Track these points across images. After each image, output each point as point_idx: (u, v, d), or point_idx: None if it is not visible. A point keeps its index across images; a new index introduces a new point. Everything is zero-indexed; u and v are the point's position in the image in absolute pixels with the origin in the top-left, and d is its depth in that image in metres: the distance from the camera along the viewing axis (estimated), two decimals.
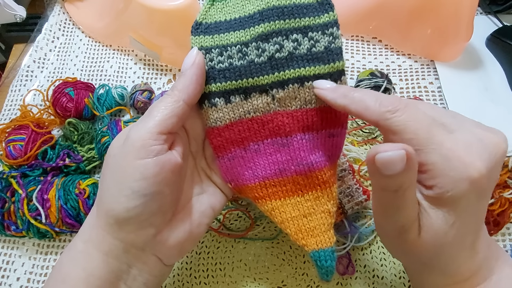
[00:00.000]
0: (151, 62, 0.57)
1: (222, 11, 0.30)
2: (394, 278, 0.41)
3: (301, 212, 0.30)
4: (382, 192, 0.24)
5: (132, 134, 0.27)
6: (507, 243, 0.43)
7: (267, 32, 0.29)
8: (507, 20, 0.59)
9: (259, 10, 0.29)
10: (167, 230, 0.29)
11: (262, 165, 0.30)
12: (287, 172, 0.30)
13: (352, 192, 0.41)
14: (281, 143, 0.30)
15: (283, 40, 0.29)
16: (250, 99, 0.30)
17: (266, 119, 0.30)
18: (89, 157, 0.45)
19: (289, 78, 0.29)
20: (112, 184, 0.27)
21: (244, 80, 0.29)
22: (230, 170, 0.31)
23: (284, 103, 0.30)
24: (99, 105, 0.48)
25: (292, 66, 0.29)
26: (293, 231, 0.30)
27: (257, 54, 0.29)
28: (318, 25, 0.29)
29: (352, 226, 0.41)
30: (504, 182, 0.41)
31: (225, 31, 0.30)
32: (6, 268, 0.43)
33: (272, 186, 0.31)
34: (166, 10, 0.47)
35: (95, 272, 0.27)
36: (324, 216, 0.30)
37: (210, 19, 0.30)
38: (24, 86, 0.54)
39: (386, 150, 0.21)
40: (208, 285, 0.41)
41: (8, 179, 0.41)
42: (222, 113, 0.30)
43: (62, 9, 0.61)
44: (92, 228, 0.28)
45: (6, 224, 0.40)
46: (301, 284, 0.41)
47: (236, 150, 0.31)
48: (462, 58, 0.55)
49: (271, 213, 0.31)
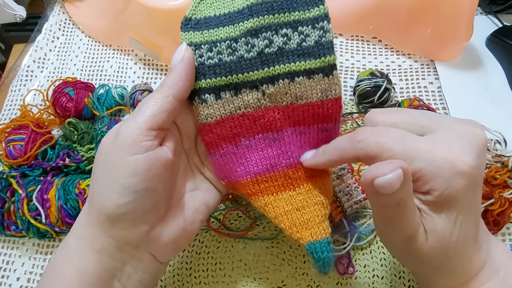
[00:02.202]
0: (151, 62, 0.57)
1: (211, 6, 0.30)
2: (394, 278, 0.41)
3: (294, 206, 0.30)
4: (383, 208, 0.24)
5: (122, 130, 0.27)
6: (507, 243, 0.43)
7: (256, 27, 0.28)
8: (507, 20, 0.59)
9: (248, 5, 0.29)
10: (161, 227, 0.29)
11: (253, 161, 0.30)
12: (278, 167, 0.30)
13: (351, 191, 0.41)
14: (272, 138, 0.30)
15: (272, 35, 0.28)
16: (241, 95, 0.29)
17: (257, 115, 0.30)
18: (89, 157, 0.45)
19: (279, 74, 0.29)
20: (103, 181, 0.27)
21: (234, 76, 0.29)
22: (222, 166, 0.31)
23: (275, 98, 0.29)
24: (99, 105, 0.48)
25: (282, 61, 0.28)
26: (287, 225, 0.30)
27: (247, 49, 0.29)
28: (308, 19, 0.28)
29: (351, 226, 0.41)
30: (504, 182, 0.41)
31: (214, 27, 0.29)
32: (6, 268, 0.43)
33: (264, 182, 0.31)
34: (166, 10, 0.47)
35: (89, 270, 0.27)
36: (317, 208, 0.30)
37: (199, 15, 0.30)
38: (24, 86, 0.54)
39: (384, 173, 0.21)
40: (208, 285, 0.41)
41: (8, 179, 0.41)
42: (212, 109, 0.30)
43: (62, 9, 0.61)
44: (84, 225, 0.28)
45: (6, 224, 0.40)
46: (301, 284, 0.41)
47: (228, 146, 0.31)
48: (462, 58, 0.55)
49: (264, 208, 0.31)
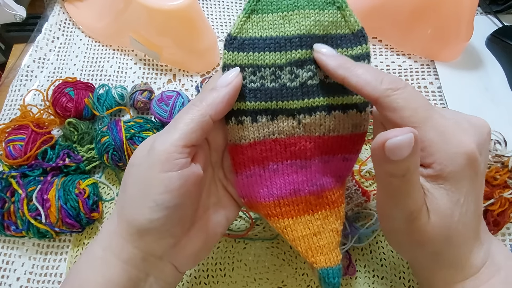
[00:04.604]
0: (151, 62, 0.57)
1: (258, 26, 0.29)
2: (394, 278, 0.41)
3: (311, 231, 0.31)
4: (389, 179, 0.25)
5: (157, 146, 0.27)
6: (507, 243, 0.43)
7: (303, 59, 0.28)
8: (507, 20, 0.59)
9: (299, 34, 0.28)
10: (185, 240, 0.30)
11: (278, 185, 0.31)
12: (301, 192, 0.31)
13: (351, 194, 0.41)
14: (300, 165, 0.30)
15: (316, 67, 0.29)
16: (277, 120, 0.29)
17: (289, 142, 0.30)
18: (89, 157, 0.45)
19: (318, 106, 0.29)
20: (135, 194, 0.27)
21: (274, 103, 0.29)
22: (246, 186, 0.31)
23: (309, 128, 0.30)
24: (99, 105, 0.48)
25: (322, 94, 0.29)
26: (304, 248, 0.30)
27: (290, 78, 0.29)
28: (350, 56, 0.29)
29: (352, 227, 0.41)
30: (504, 182, 0.41)
31: (260, 50, 0.29)
32: (6, 268, 0.42)
33: (286, 205, 0.31)
34: (166, 10, 0.47)
35: (114, 279, 0.27)
36: (332, 234, 0.31)
37: (245, 34, 0.29)
38: (24, 86, 0.54)
39: (396, 135, 0.22)
40: (208, 285, 0.41)
41: (8, 179, 0.41)
42: (247, 131, 0.30)
43: (62, 9, 0.61)
44: (112, 235, 0.28)
45: (6, 224, 0.40)
46: (301, 284, 0.41)
47: (256, 168, 0.31)
48: (462, 58, 0.55)
49: (283, 230, 0.31)
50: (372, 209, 0.43)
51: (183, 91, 0.54)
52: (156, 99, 0.48)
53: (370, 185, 0.47)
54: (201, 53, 0.55)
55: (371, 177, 0.46)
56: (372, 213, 0.42)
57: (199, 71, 0.56)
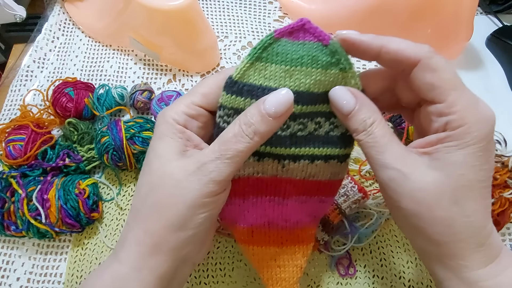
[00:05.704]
0: (151, 62, 0.57)
1: (260, 73, 0.28)
2: (394, 278, 0.41)
3: (277, 262, 0.33)
4: (357, 140, 0.27)
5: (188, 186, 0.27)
6: (507, 243, 0.44)
7: (297, 113, 0.29)
8: (507, 20, 0.59)
9: (297, 90, 0.28)
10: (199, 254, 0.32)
11: (254, 215, 0.32)
12: (274, 226, 0.33)
13: (347, 192, 0.41)
14: (277, 202, 0.32)
15: (307, 121, 0.30)
16: (263, 161, 0.30)
17: (271, 181, 0.31)
18: (89, 157, 0.45)
19: (303, 155, 0.30)
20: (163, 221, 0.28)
21: (263, 147, 0.30)
22: (224, 210, 0.32)
23: (291, 172, 0.31)
24: (99, 105, 0.48)
25: (308, 145, 0.30)
26: (266, 277, 0.33)
27: (282, 128, 0.29)
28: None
29: (352, 227, 0.41)
30: (504, 182, 0.41)
31: (258, 98, 0.28)
32: (6, 268, 0.42)
33: (258, 234, 0.33)
34: (166, 10, 0.47)
35: None
36: (295, 270, 0.33)
37: (246, 79, 0.28)
38: (24, 86, 0.54)
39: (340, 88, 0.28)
40: (208, 285, 0.41)
41: (8, 179, 0.41)
42: None
43: (62, 9, 0.61)
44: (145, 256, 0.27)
45: (6, 224, 0.40)
46: (301, 284, 0.41)
47: (236, 199, 0.32)
48: (462, 58, 0.55)
49: (251, 257, 0.33)
50: (372, 209, 0.43)
51: (183, 91, 0.54)
52: (156, 99, 0.48)
53: (370, 185, 0.47)
54: (201, 53, 0.55)
55: (371, 177, 0.46)
56: (372, 212, 0.42)
57: (199, 71, 0.57)
